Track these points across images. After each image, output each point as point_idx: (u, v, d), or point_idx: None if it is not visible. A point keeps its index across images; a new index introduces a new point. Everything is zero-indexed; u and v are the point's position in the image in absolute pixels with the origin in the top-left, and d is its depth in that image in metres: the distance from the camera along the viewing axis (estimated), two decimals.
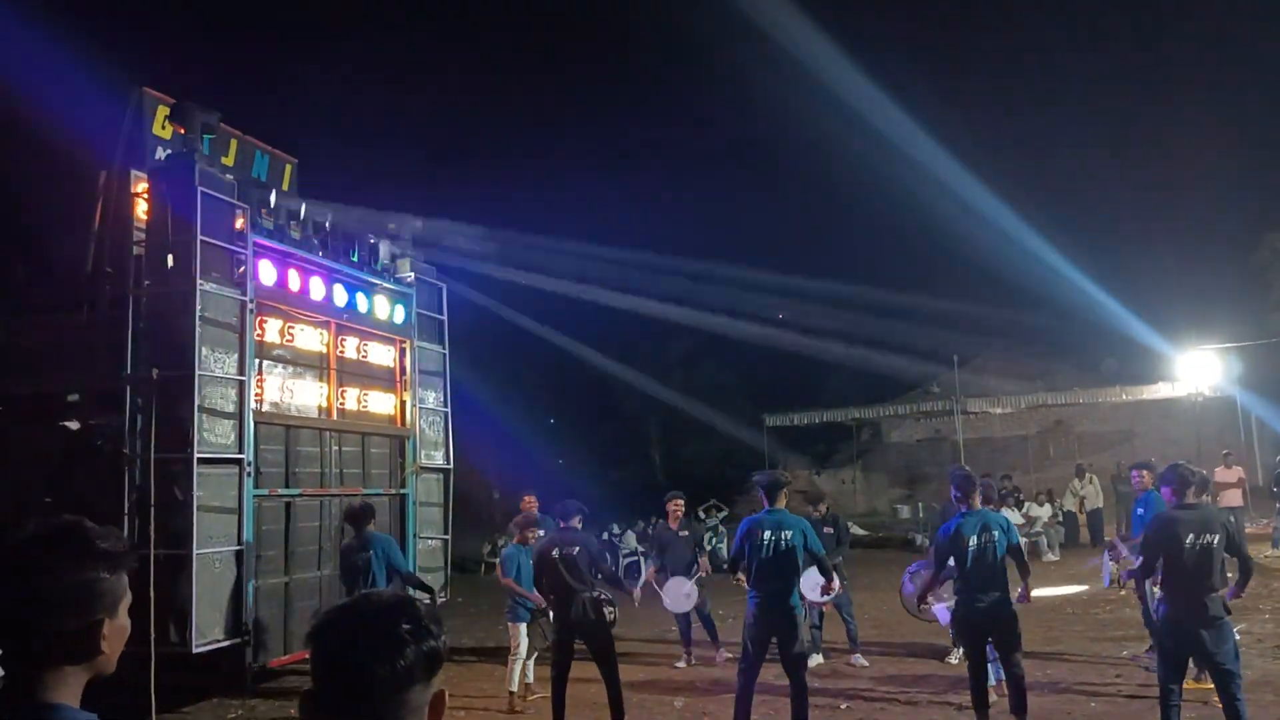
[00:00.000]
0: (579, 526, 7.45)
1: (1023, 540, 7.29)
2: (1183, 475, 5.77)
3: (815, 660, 9.29)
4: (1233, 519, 10.34)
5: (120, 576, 1.69)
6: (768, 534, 6.61)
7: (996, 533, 6.50)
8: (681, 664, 9.65)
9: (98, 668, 1.67)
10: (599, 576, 7.36)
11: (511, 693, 8.05)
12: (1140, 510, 8.21)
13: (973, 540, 6.47)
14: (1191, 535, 5.55)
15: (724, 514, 22.61)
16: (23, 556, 1.63)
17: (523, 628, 8.22)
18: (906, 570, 9.83)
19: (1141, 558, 6.12)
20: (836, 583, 8.76)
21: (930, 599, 7.55)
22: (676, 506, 10.31)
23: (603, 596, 7.28)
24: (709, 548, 14.17)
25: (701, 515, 20.82)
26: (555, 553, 7.18)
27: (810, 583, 8.96)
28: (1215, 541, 5.54)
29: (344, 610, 1.57)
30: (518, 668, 8.13)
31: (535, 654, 8.53)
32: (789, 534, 6.61)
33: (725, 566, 7.62)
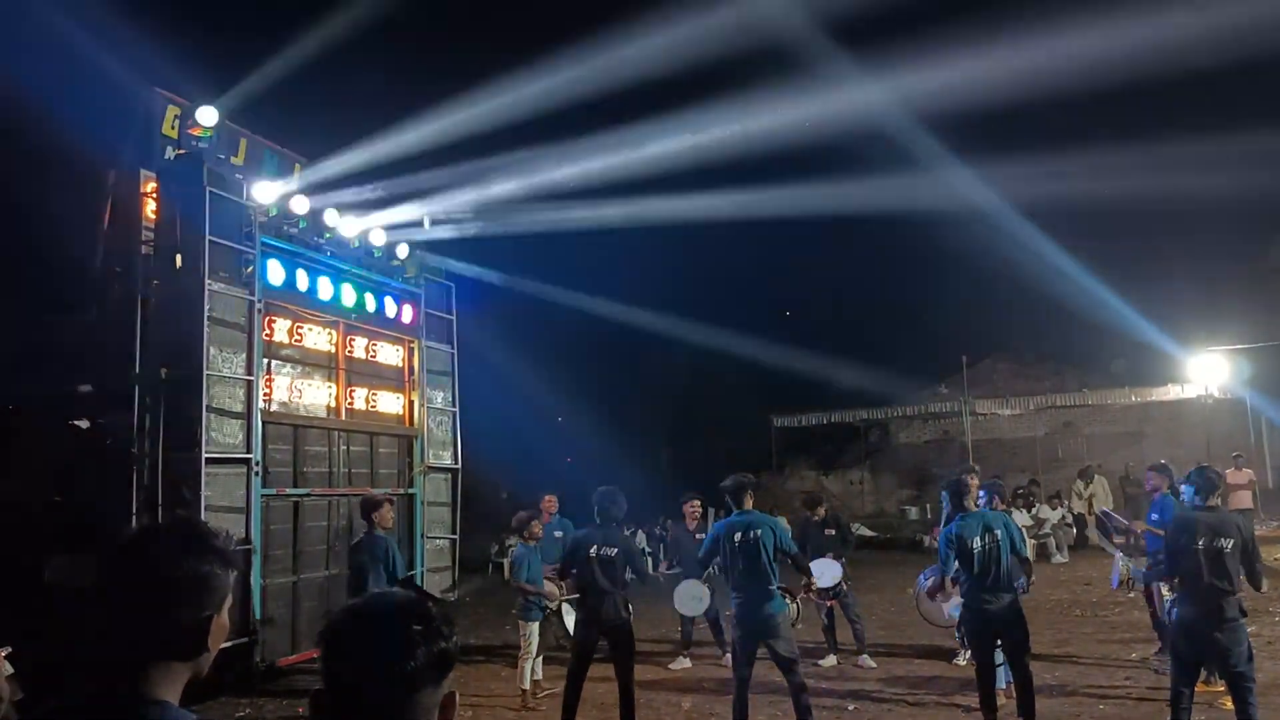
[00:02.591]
0: (617, 524, 7.13)
1: (1031, 542, 7.26)
2: (1209, 478, 5.77)
3: (830, 660, 9.26)
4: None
5: (229, 574, 1.70)
6: (738, 535, 6.63)
7: (999, 532, 6.49)
8: (675, 665, 9.52)
9: (199, 667, 1.66)
10: (632, 577, 7.16)
11: (524, 690, 8.05)
12: (1155, 515, 8.11)
13: (976, 542, 6.46)
14: (1206, 537, 5.53)
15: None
16: (145, 547, 1.65)
17: (534, 626, 8.20)
18: (922, 574, 9.73)
19: (1157, 559, 6.09)
20: (838, 572, 8.78)
21: (940, 599, 7.53)
22: (693, 508, 10.19)
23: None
24: None
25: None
26: (593, 550, 6.87)
27: (818, 569, 8.95)
28: (1230, 546, 5.52)
29: (355, 611, 1.57)
30: (528, 666, 8.12)
31: (544, 653, 8.52)
32: (758, 531, 6.62)
33: (698, 564, 7.65)
